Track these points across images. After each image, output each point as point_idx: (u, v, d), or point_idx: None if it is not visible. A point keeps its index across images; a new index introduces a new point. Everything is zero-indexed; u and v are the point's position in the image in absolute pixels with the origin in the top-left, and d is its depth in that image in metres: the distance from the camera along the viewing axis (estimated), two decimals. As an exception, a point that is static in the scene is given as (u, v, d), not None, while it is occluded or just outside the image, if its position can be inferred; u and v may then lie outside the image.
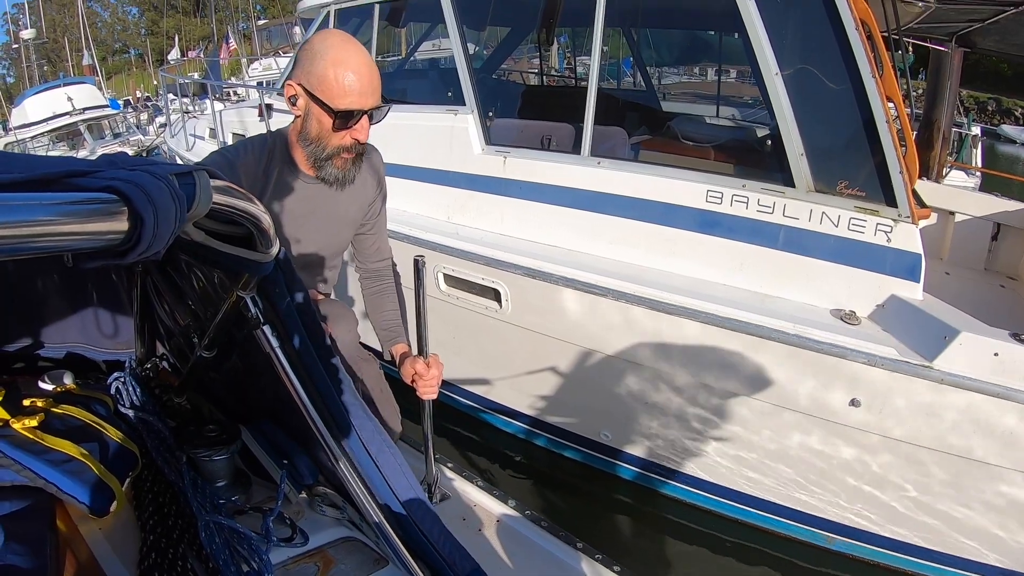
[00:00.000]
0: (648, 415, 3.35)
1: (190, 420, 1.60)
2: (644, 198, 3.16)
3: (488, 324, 3.61)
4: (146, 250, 0.68)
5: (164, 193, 0.69)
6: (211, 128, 6.40)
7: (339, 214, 1.87)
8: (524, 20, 5.62)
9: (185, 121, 7.47)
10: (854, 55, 2.63)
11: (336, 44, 1.59)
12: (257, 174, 1.69)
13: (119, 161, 0.74)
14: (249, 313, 1.20)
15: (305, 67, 1.60)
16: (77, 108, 18.11)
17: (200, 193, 0.81)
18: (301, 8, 5.53)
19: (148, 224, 0.66)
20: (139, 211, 0.65)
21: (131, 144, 16.40)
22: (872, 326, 2.70)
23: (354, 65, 1.58)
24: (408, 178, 3.87)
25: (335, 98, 1.58)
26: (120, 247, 0.66)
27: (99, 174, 0.67)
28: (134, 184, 0.66)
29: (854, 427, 2.73)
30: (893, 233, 2.67)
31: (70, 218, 0.60)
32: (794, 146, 2.81)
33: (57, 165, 0.66)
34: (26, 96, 19.87)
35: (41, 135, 17.59)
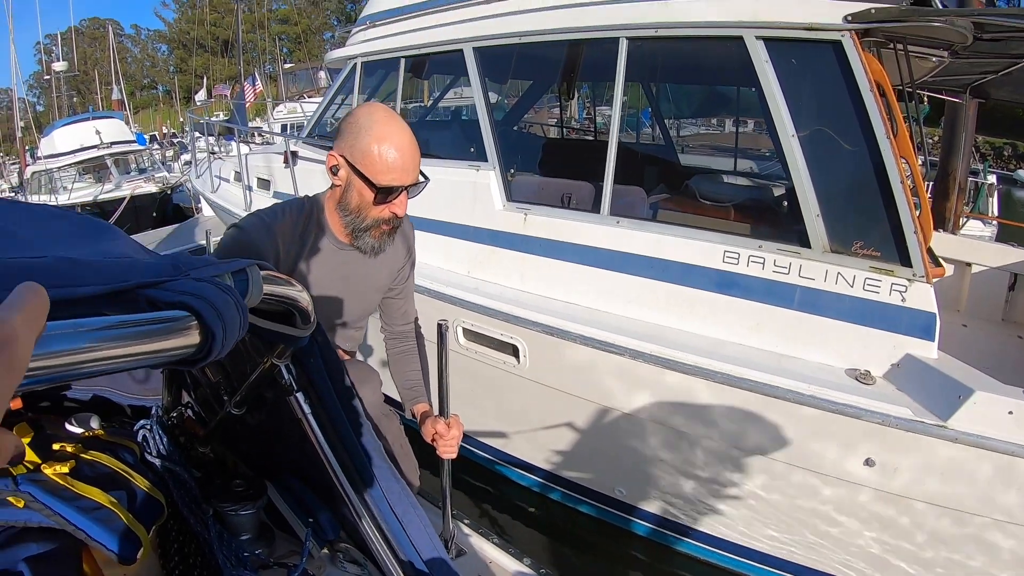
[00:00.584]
0: (663, 472, 3.34)
1: (214, 471, 1.61)
2: (662, 258, 3.20)
3: (506, 379, 3.63)
4: (214, 359, 0.72)
5: (230, 306, 0.74)
6: (236, 171, 6.51)
7: (370, 280, 1.91)
8: (545, 74, 5.73)
9: (211, 162, 7.60)
10: (869, 116, 2.66)
11: (380, 120, 1.63)
12: (294, 237, 1.73)
13: (182, 263, 0.79)
14: (283, 380, 1.23)
15: (349, 140, 1.63)
16: (105, 142, 18.15)
17: (252, 288, 0.87)
18: (329, 58, 5.69)
19: (218, 338, 0.70)
20: (210, 327, 0.69)
21: (156, 180, 16.53)
22: (887, 386, 2.69)
23: (397, 143, 1.61)
24: (430, 231, 3.92)
25: (378, 174, 1.61)
26: (191, 358, 0.70)
27: (168, 285, 0.72)
28: (204, 300, 0.70)
29: (869, 487, 2.72)
30: (908, 293, 2.67)
31: (147, 339, 0.63)
32: (810, 207, 2.84)
33: (126, 272, 0.70)
34: (55, 127, 19.91)
35: (68, 166, 17.77)
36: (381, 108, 1.70)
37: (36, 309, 0.46)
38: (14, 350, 0.42)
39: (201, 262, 0.82)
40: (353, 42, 5.17)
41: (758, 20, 2.89)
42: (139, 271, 0.72)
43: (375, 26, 4.87)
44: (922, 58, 3.26)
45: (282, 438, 1.45)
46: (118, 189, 16.44)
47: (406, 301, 2.12)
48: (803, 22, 2.79)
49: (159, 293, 0.70)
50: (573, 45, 3.81)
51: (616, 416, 3.29)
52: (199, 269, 0.79)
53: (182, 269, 0.77)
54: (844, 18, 2.67)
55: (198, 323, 0.69)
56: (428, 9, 4.35)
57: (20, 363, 0.42)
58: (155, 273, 0.73)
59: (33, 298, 0.46)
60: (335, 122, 5.62)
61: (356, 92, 4.93)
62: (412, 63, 4.65)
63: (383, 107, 1.72)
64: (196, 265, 0.80)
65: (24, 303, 0.45)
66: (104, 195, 16.30)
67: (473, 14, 4.02)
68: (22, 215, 1.09)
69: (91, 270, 0.68)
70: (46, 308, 0.47)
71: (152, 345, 0.64)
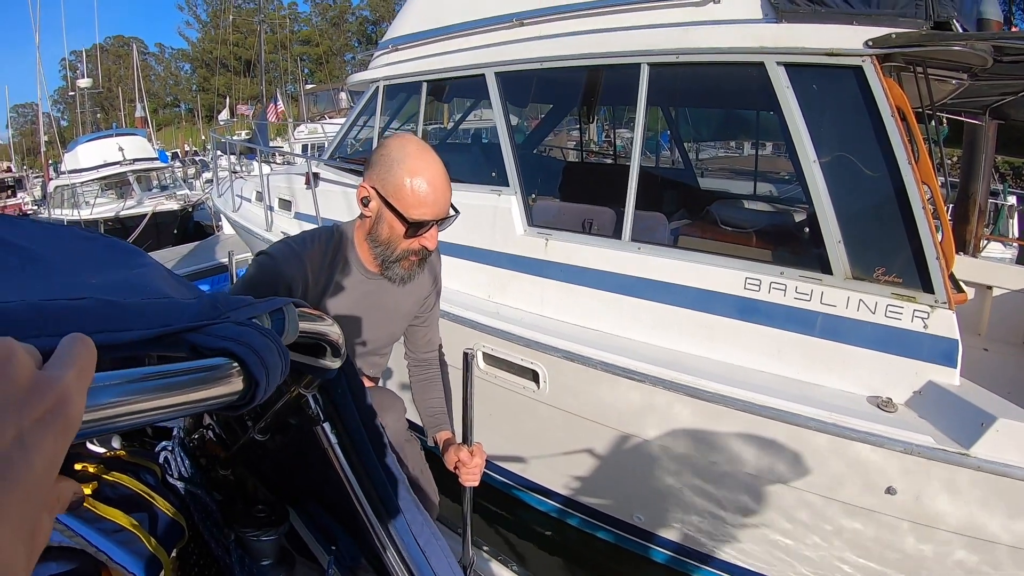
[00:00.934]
0: (682, 499, 3.31)
1: (236, 494, 1.61)
2: (683, 284, 3.19)
3: (525, 404, 3.62)
4: (256, 404, 0.72)
5: (273, 351, 0.74)
6: (257, 191, 6.57)
7: (396, 308, 1.92)
8: (565, 98, 5.77)
9: (232, 181, 7.67)
10: (890, 142, 2.66)
11: (413, 154, 1.63)
12: (323, 266, 1.74)
13: (221, 304, 0.79)
14: (310, 410, 1.23)
15: (380, 173, 1.63)
16: (127, 158, 18.36)
17: (289, 326, 0.87)
18: (351, 81, 5.74)
19: (262, 385, 0.70)
20: (254, 375, 0.70)
21: (177, 198, 16.70)
22: (909, 413, 2.66)
23: (429, 177, 1.62)
24: (451, 255, 3.91)
25: (409, 208, 1.62)
26: (235, 404, 0.71)
27: (210, 329, 0.72)
28: (247, 346, 0.71)
29: (890, 515, 2.68)
30: (930, 319, 2.65)
31: (193, 388, 0.64)
32: (831, 233, 2.83)
33: (168, 315, 0.71)
34: (79, 142, 20.09)
35: (90, 181, 17.98)
36: (414, 141, 1.70)
37: (86, 362, 0.46)
38: (69, 409, 0.42)
39: (240, 302, 0.83)
40: (375, 65, 5.21)
41: (779, 46, 2.90)
42: (181, 314, 0.72)
43: (397, 50, 4.91)
44: (942, 80, 3.25)
45: (305, 463, 1.45)
46: (140, 206, 16.63)
47: (431, 329, 2.14)
48: (824, 48, 2.80)
49: (202, 339, 0.71)
50: (594, 70, 3.83)
51: (635, 442, 3.28)
52: (239, 310, 0.80)
53: (221, 310, 0.77)
54: (865, 43, 2.68)
55: (242, 370, 0.69)
56: (450, 34, 4.40)
57: (75, 421, 0.43)
58: (196, 316, 0.73)
59: (83, 350, 0.47)
60: (356, 143, 5.67)
61: (378, 115, 4.97)
62: (433, 86, 4.69)
63: (416, 139, 1.72)
64: (235, 305, 0.80)
65: (75, 357, 0.45)
66: (126, 211, 16.49)
67: (495, 39, 4.06)
68: (49, 237, 1.09)
69: (134, 313, 0.68)
70: (94, 359, 0.48)
71: (198, 394, 0.64)
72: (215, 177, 9.34)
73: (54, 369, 0.43)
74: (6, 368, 0.40)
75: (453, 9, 4.42)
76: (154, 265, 1.16)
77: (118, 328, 0.64)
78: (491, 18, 4.10)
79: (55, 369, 0.43)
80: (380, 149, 1.69)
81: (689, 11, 3.22)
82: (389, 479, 1.33)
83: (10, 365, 0.40)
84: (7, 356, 0.40)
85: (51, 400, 0.41)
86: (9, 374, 0.39)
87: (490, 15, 4.11)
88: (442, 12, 4.52)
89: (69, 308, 0.62)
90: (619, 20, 3.47)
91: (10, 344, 0.41)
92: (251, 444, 1.48)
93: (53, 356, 0.45)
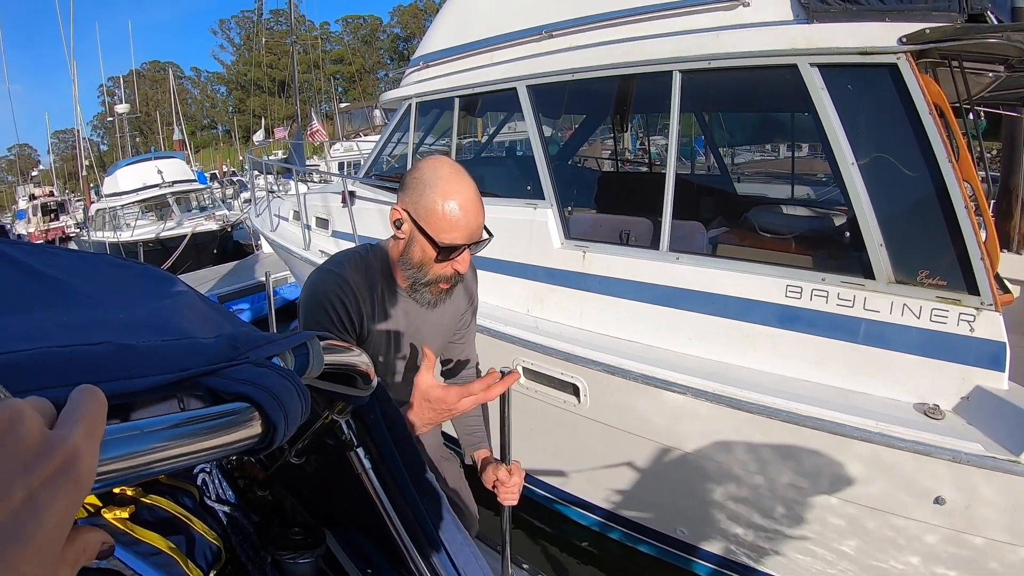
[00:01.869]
0: (725, 512, 3.26)
1: (273, 516, 1.61)
2: (723, 294, 3.15)
3: (566, 418, 3.60)
4: (275, 447, 0.72)
5: (292, 394, 0.74)
6: (295, 210, 6.66)
7: (435, 326, 1.91)
8: (598, 108, 5.75)
9: (270, 201, 7.77)
10: (929, 140, 2.60)
11: (445, 177, 1.60)
12: (365, 285, 1.74)
13: (241, 342, 0.79)
14: (343, 435, 1.23)
15: (413, 195, 1.62)
16: (166, 181, 18.78)
17: (313, 362, 0.87)
18: (384, 99, 5.79)
19: (280, 429, 0.70)
20: (272, 419, 0.69)
21: (216, 218, 16.99)
22: (957, 420, 2.58)
23: (462, 201, 1.59)
24: (488, 270, 3.94)
25: (441, 232, 1.59)
26: (252, 448, 0.71)
27: (227, 372, 0.72)
28: (264, 390, 0.70)
29: (940, 526, 2.60)
30: (976, 322, 2.58)
31: (208, 435, 0.64)
32: (873, 237, 2.77)
33: (184, 358, 0.71)
34: (119, 166, 20.57)
35: (131, 204, 18.39)
36: (447, 163, 1.67)
37: (96, 417, 0.47)
38: (79, 467, 0.43)
39: (262, 339, 0.82)
40: (407, 83, 5.25)
41: (811, 47, 2.86)
42: (198, 356, 0.72)
43: (428, 66, 4.95)
44: (978, 74, 3.18)
45: (341, 485, 1.44)
46: (179, 226, 16.94)
47: (467, 346, 2.13)
48: (857, 46, 2.75)
49: (219, 382, 0.71)
50: (626, 78, 3.81)
51: (678, 455, 3.24)
52: (259, 348, 0.79)
53: (241, 350, 0.77)
54: (899, 40, 2.63)
55: (260, 414, 0.69)
56: (480, 48, 4.42)
57: (86, 478, 0.44)
58: (214, 357, 0.74)
59: (93, 404, 0.47)
60: (390, 160, 5.71)
61: (412, 131, 5.00)
62: (465, 101, 4.71)
63: (449, 162, 1.69)
64: (256, 343, 0.80)
65: (84, 413, 0.46)
66: (166, 232, 16.81)
67: (525, 52, 4.07)
68: (81, 266, 1.10)
69: (150, 358, 0.68)
70: (105, 411, 0.48)
71: (214, 441, 0.64)
72: (253, 197, 9.48)
73: (63, 427, 0.44)
74: (15, 431, 0.41)
75: (482, 24, 4.45)
76: (185, 293, 1.17)
77: (133, 374, 0.65)
78: (520, 31, 4.11)
79: (64, 427, 0.44)
80: (413, 171, 1.68)
81: (719, 16, 3.19)
82: (426, 501, 1.32)
83: (18, 428, 0.41)
84: (16, 419, 0.41)
85: (60, 459, 0.41)
86: (17, 437, 0.40)
87: (519, 28, 4.12)
88: (471, 27, 4.55)
89: (83, 356, 0.63)
90: (649, 28, 3.46)
91: (18, 407, 0.42)
92: (288, 465, 1.48)
93: (63, 412, 0.46)
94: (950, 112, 2.71)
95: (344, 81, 68.54)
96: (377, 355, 1.79)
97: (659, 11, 3.40)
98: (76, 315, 0.88)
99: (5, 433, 0.40)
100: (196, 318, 1.05)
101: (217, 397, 0.71)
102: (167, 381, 0.66)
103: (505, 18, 4.24)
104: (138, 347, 0.69)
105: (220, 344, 0.78)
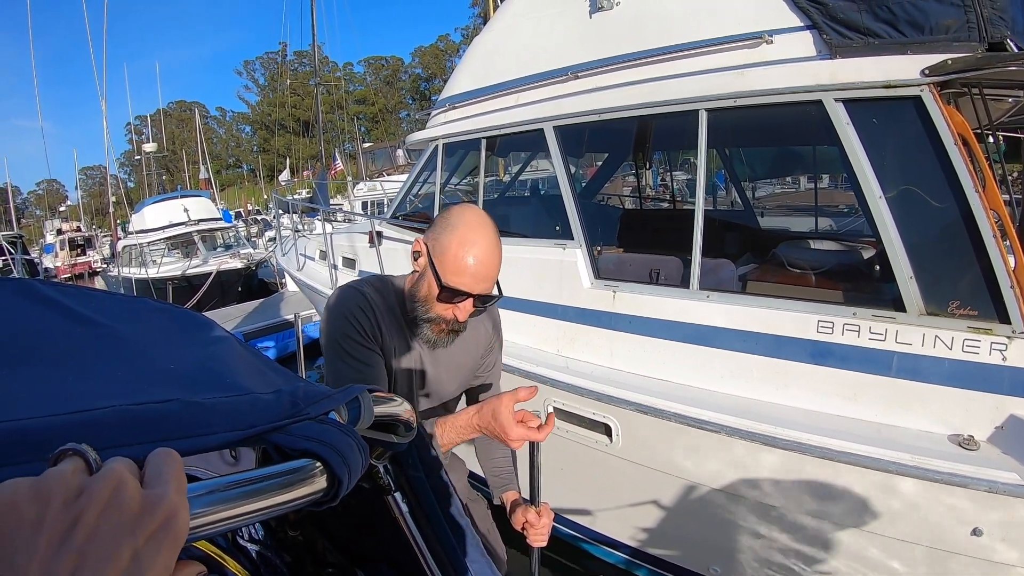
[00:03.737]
0: (760, 551, 3.21)
1: (305, 556, 1.63)
2: (754, 331, 3.14)
3: (598, 458, 3.58)
4: (338, 500, 0.75)
5: (353, 449, 0.77)
6: (321, 250, 6.73)
7: (453, 360, 1.92)
8: (621, 146, 5.79)
9: (296, 240, 7.86)
10: (956, 171, 2.60)
11: (469, 223, 1.64)
12: (385, 308, 1.78)
13: (300, 399, 0.81)
14: (381, 480, 1.24)
15: (436, 233, 1.66)
16: (192, 219, 19.20)
17: (364, 414, 0.90)
18: (410, 140, 5.86)
19: (344, 483, 0.73)
20: (338, 475, 0.72)
21: (241, 257, 17.22)
22: (992, 450, 2.56)
23: (477, 251, 1.62)
24: (517, 310, 3.97)
25: (448, 273, 1.62)
26: (319, 502, 0.73)
27: (292, 429, 0.74)
28: (329, 447, 0.73)
29: (979, 558, 2.55)
30: (1008, 351, 2.56)
31: (279, 492, 0.66)
32: (902, 269, 2.77)
33: (250, 415, 0.73)
34: (146, 204, 21.01)
35: (158, 241, 18.69)
36: (475, 212, 1.70)
37: (181, 475, 0.49)
38: (177, 524, 0.45)
39: (318, 394, 0.84)
40: (433, 124, 5.32)
41: (836, 82, 2.88)
42: (263, 414, 0.75)
43: (455, 108, 5.02)
44: (998, 100, 3.20)
45: (374, 526, 1.44)
46: (205, 264, 17.20)
47: (492, 389, 2.13)
48: (880, 80, 2.77)
49: (285, 439, 0.73)
50: (650, 117, 3.84)
51: (712, 493, 3.20)
52: (317, 403, 0.82)
53: (301, 407, 0.79)
54: (921, 72, 2.65)
55: (325, 469, 0.72)
56: (507, 90, 4.48)
57: (183, 533, 0.46)
58: (278, 415, 0.76)
59: (175, 464, 0.50)
60: (414, 200, 5.76)
61: (439, 172, 5.05)
62: (490, 142, 4.76)
63: (478, 212, 1.72)
64: (314, 399, 0.82)
65: (171, 471, 0.48)
66: (192, 270, 17.08)
67: (552, 93, 4.13)
68: (126, 312, 1.12)
69: (218, 416, 0.70)
70: (183, 469, 0.50)
71: (285, 496, 0.67)
72: (278, 236, 9.59)
73: (156, 486, 0.46)
74: (120, 495, 0.43)
75: (508, 66, 4.51)
76: (227, 340, 1.19)
77: (203, 432, 0.67)
78: (546, 72, 4.17)
79: (157, 486, 0.46)
80: (444, 212, 1.73)
81: (743, 54, 3.23)
82: (461, 545, 1.32)
83: (122, 492, 0.43)
84: (120, 482, 0.44)
85: (161, 518, 0.44)
86: (122, 500, 0.43)
87: (545, 70, 4.18)
88: (497, 69, 4.62)
89: (155, 414, 0.65)
90: (674, 67, 3.50)
91: (119, 471, 0.45)
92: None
93: (149, 471, 0.48)
94: (974, 141, 2.72)
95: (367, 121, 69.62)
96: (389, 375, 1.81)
97: (683, 51, 3.45)
98: (133, 365, 0.91)
99: (111, 498, 0.43)
100: (244, 368, 1.07)
101: (282, 452, 0.73)
102: (237, 438, 0.69)
103: (531, 60, 4.31)
104: (205, 404, 0.71)
105: (282, 400, 0.80)
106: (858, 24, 2.88)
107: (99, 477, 0.44)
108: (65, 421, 0.57)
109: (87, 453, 0.47)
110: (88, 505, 0.42)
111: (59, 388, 0.72)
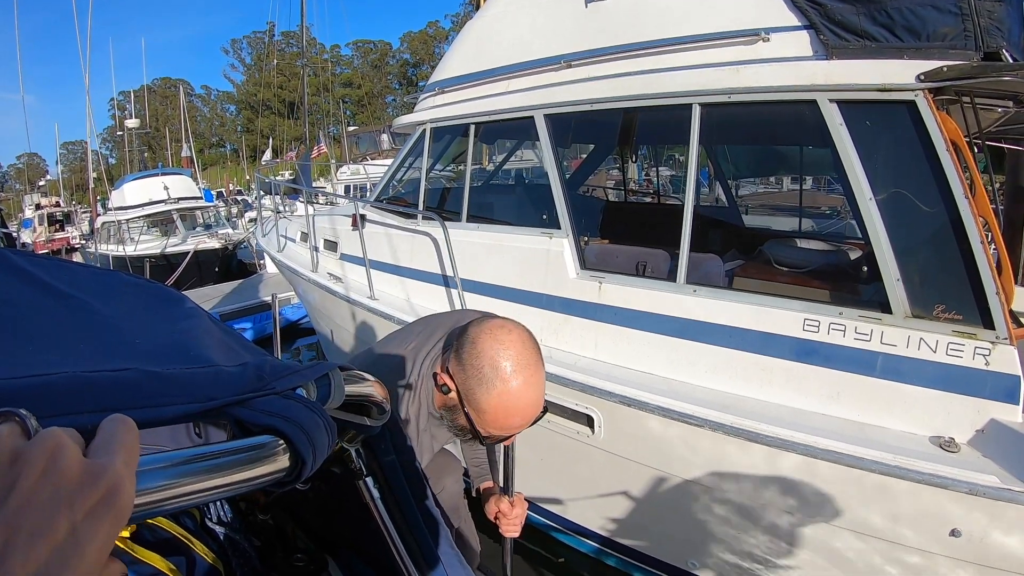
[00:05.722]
0: (739, 546, 3.23)
1: (274, 540, 1.58)
2: (740, 327, 3.15)
3: (580, 449, 3.57)
4: (301, 481, 0.71)
5: (319, 427, 0.73)
6: (302, 231, 6.65)
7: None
8: (609, 138, 5.77)
9: (277, 221, 7.77)
10: (946, 176, 2.63)
11: (508, 378, 1.44)
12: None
13: (266, 372, 0.78)
14: (352, 464, 1.22)
15: (470, 381, 1.48)
16: (172, 197, 18.93)
17: (335, 393, 0.87)
18: (398, 123, 5.79)
19: (308, 462, 0.69)
20: (301, 454, 0.69)
21: (219, 237, 17.04)
22: (972, 452, 2.59)
23: (521, 409, 1.47)
24: (501, 299, 3.94)
25: (488, 426, 1.50)
26: (281, 481, 0.70)
27: (255, 403, 0.71)
28: (293, 423, 0.70)
29: (956, 558, 2.58)
30: (991, 356, 2.59)
31: (239, 468, 0.63)
32: (890, 272, 2.79)
33: (211, 387, 0.69)
34: (126, 181, 20.75)
35: (137, 218, 18.45)
36: (513, 355, 1.46)
37: (132, 446, 0.45)
38: (121, 498, 0.41)
39: (286, 369, 0.81)
40: (422, 108, 5.26)
41: (831, 83, 2.89)
42: (226, 386, 0.71)
43: (444, 92, 4.97)
44: (988, 109, 3.22)
45: (345, 512, 1.43)
46: (183, 243, 17.04)
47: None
48: (876, 83, 2.78)
49: (247, 414, 0.70)
50: (639, 110, 3.83)
51: (693, 487, 3.21)
52: (284, 378, 0.78)
53: (267, 380, 0.76)
54: (916, 77, 2.66)
55: (288, 448, 0.68)
56: (497, 76, 4.44)
57: (126, 509, 0.42)
58: (240, 387, 0.72)
59: (128, 434, 0.46)
60: (396, 185, 5.67)
61: (425, 156, 4.99)
62: (479, 128, 4.72)
63: (516, 353, 1.47)
64: (281, 373, 0.79)
65: (122, 442, 0.45)
66: (170, 248, 16.94)
67: (544, 81, 4.09)
68: (98, 284, 1.09)
69: (177, 386, 0.67)
70: (138, 439, 0.47)
71: (245, 474, 0.64)
72: (259, 217, 9.48)
73: (101, 455, 0.42)
74: (56, 463, 0.39)
75: (500, 51, 4.47)
76: (199, 315, 1.15)
77: (161, 403, 0.63)
78: (539, 60, 4.13)
79: (102, 455, 0.42)
80: (473, 348, 1.49)
81: (739, 50, 3.23)
82: (432, 533, 1.32)
83: (60, 459, 0.39)
84: (58, 450, 0.40)
85: (103, 490, 0.40)
86: (59, 469, 0.39)
87: (537, 57, 4.14)
88: (489, 54, 4.57)
89: (112, 381, 0.61)
90: (668, 60, 3.48)
91: (57, 435, 0.41)
92: (291, 490, 1.47)
93: (98, 439, 0.44)
94: (967, 150, 2.74)
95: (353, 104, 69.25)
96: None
97: (679, 44, 3.44)
98: (98, 338, 0.87)
99: (48, 466, 0.39)
100: (213, 343, 1.03)
101: (244, 428, 0.70)
102: (195, 411, 0.65)
103: (523, 46, 4.27)
104: (164, 374, 0.68)
105: (246, 374, 0.77)
106: (855, 26, 2.89)
107: (35, 442, 0.40)
108: (12, 385, 0.53)
109: (26, 418, 0.42)
110: (22, 471, 0.38)
111: (17, 358, 0.67)
